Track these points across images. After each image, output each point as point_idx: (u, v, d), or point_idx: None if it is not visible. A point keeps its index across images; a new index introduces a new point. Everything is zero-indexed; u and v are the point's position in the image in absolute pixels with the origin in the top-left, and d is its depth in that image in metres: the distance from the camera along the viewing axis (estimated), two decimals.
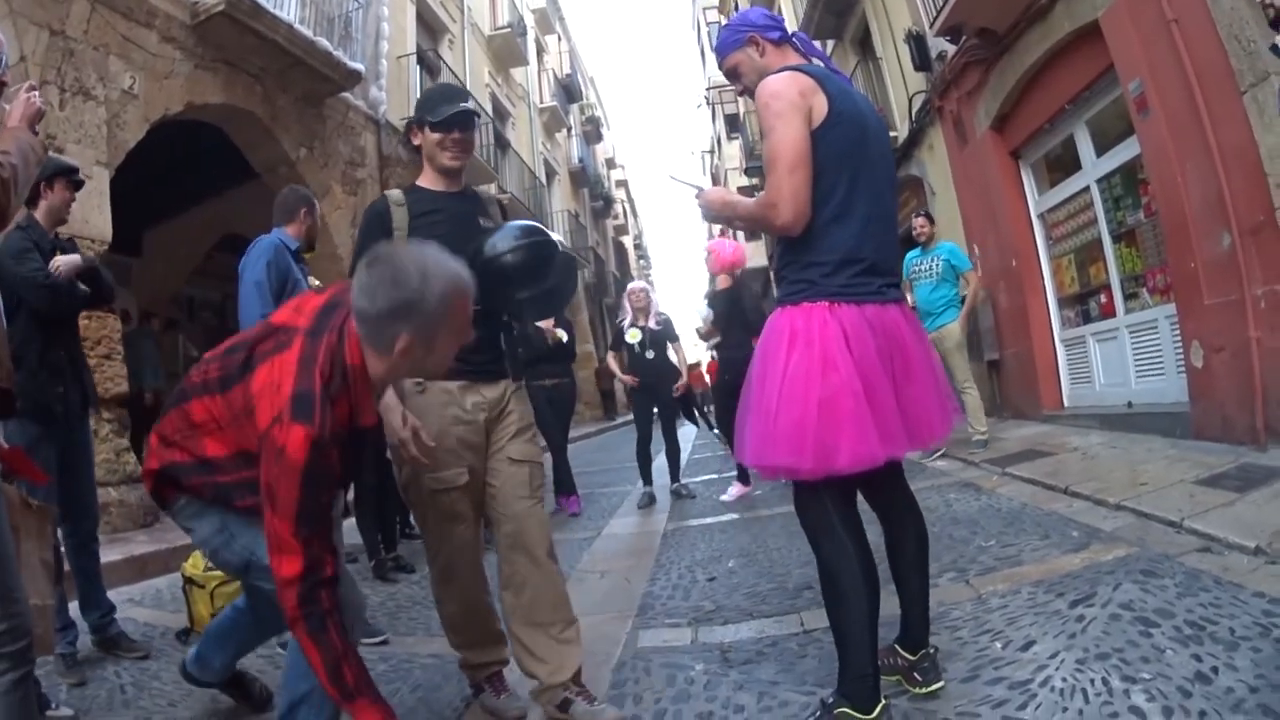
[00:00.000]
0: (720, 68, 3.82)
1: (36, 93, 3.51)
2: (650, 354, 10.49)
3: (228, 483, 2.90)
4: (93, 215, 9.83)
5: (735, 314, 9.78)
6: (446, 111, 3.87)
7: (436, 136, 3.90)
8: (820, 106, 3.21)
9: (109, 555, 5.70)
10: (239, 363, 2.87)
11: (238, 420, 2.82)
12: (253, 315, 5.13)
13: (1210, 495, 5.85)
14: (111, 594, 5.69)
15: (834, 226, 3.23)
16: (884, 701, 3.10)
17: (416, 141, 4.02)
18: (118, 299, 8.15)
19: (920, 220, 10.73)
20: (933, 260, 10.59)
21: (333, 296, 2.94)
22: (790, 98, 3.20)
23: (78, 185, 5.54)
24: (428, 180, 4.07)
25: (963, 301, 10.63)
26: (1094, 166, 11.17)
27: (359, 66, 15.94)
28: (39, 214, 5.31)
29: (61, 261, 5.10)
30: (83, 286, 5.25)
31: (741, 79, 3.69)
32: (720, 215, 3.71)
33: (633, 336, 10.49)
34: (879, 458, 3.07)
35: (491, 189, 25.33)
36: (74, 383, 5.37)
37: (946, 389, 3.62)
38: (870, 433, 3.05)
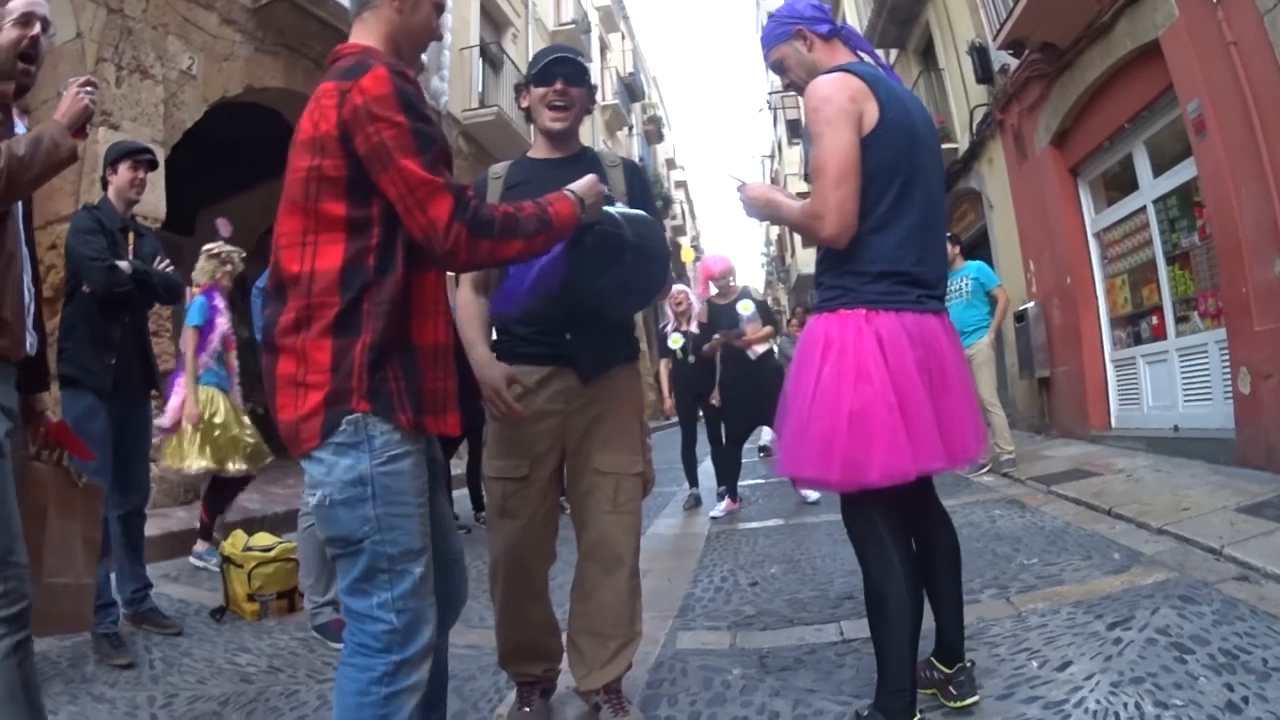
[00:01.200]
0: (765, 60, 3.74)
1: (90, 90, 3.49)
2: (693, 359, 10.37)
3: (367, 296, 2.46)
4: (146, 193, 9.71)
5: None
6: (545, 59, 3.68)
7: (540, 92, 3.68)
8: (871, 113, 3.15)
9: (146, 530, 5.77)
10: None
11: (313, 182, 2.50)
12: None
13: (1251, 524, 5.84)
14: (147, 569, 5.79)
15: (876, 236, 3.17)
16: (919, 716, 3.13)
17: (524, 104, 3.82)
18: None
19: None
20: (961, 280, 10.49)
21: None
22: (840, 103, 3.13)
23: (151, 165, 5.63)
24: (536, 148, 3.88)
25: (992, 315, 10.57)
26: (1151, 187, 11.13)
27: (421, 57, 15.63)
28: (110, 195, 5.50)
29: (122, 265, 5.20)
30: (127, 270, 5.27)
31: (788, 73, 3.61)
32: (763, 213, 3.63)
33: (675, 342, 10.39)
34: (910, 472, 3.03)
35: None
36: (137, 360, 5.49)
37: (978, 405, 3.62)
38: (903, 446, 3.01)
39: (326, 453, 2.42)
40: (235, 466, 7.36)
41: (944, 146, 16.11)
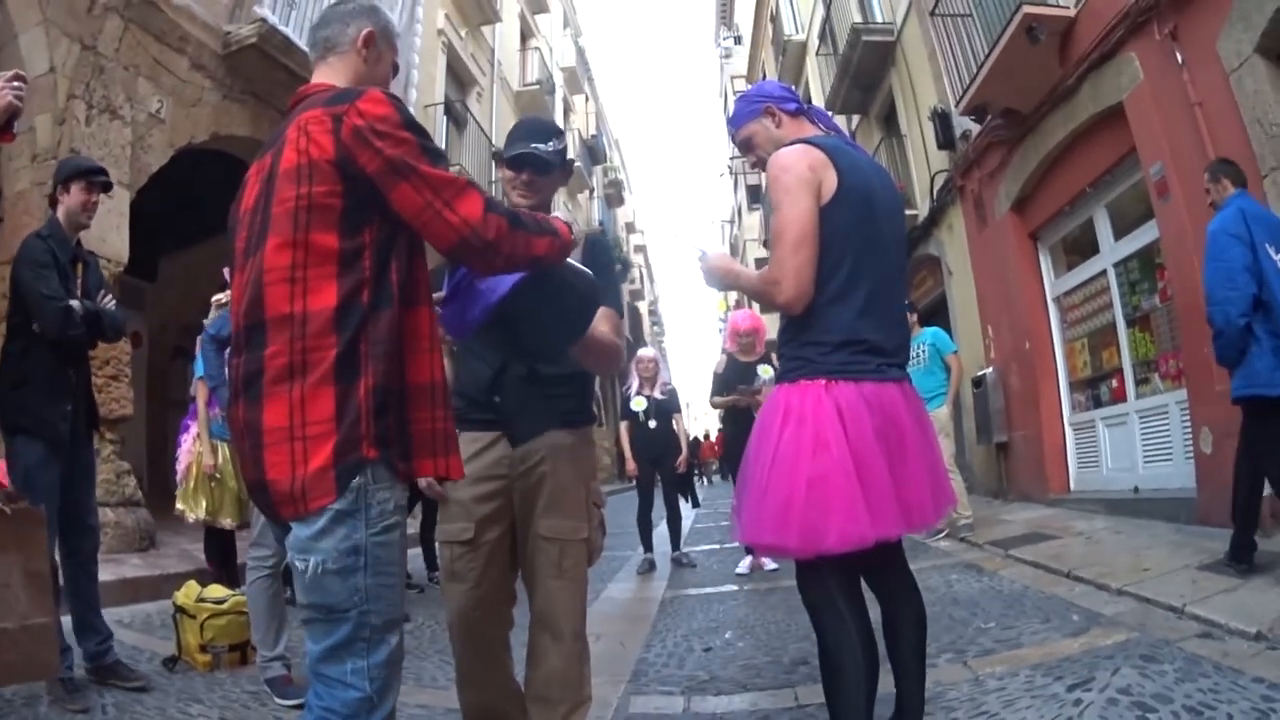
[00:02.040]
0: (734, 139, 3.78)
1: (18, 85, 3.33)
2: (653, 424, 10.53)
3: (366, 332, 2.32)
4: (110, 235, 9.82)
5: None
6: (513, 150, 3.64)
7: (508, 174, 3.66)
8: (830, 182, 3.18)
9: (101, 575, 5.58)
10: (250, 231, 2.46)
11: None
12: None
13: (1213, 581, 5.80)
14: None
15: (835, 306, 3.18)
16: None
17: (500, 174, 3.81)
18: (131, 323, 7.99)
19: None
20: (919, 347, 10.48)
21: None
22: (799, 172, 3.17)
23: (104, 187, 5.35)
24: None
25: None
26: (1112, 250, 11.22)
27: None
28: (60, 217, 5.19)
29: (75, 306, 4.93)
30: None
31: (756, 150, 3.65)
32: (723, 283, 3.67)
33: (638, 405, 10.55)
34: (868, 539, 2.98)
35: None
36: (81, 403, 5.25)
37: (943, 470, 3.54)
38: (860, 513, 2.98)
39: (323, 519, 2.26)
40: (228, 520, 7.34)
41: (904, 213, 16.29)
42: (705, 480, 41.06)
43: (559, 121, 36.98)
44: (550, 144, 3.67)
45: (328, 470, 2.23)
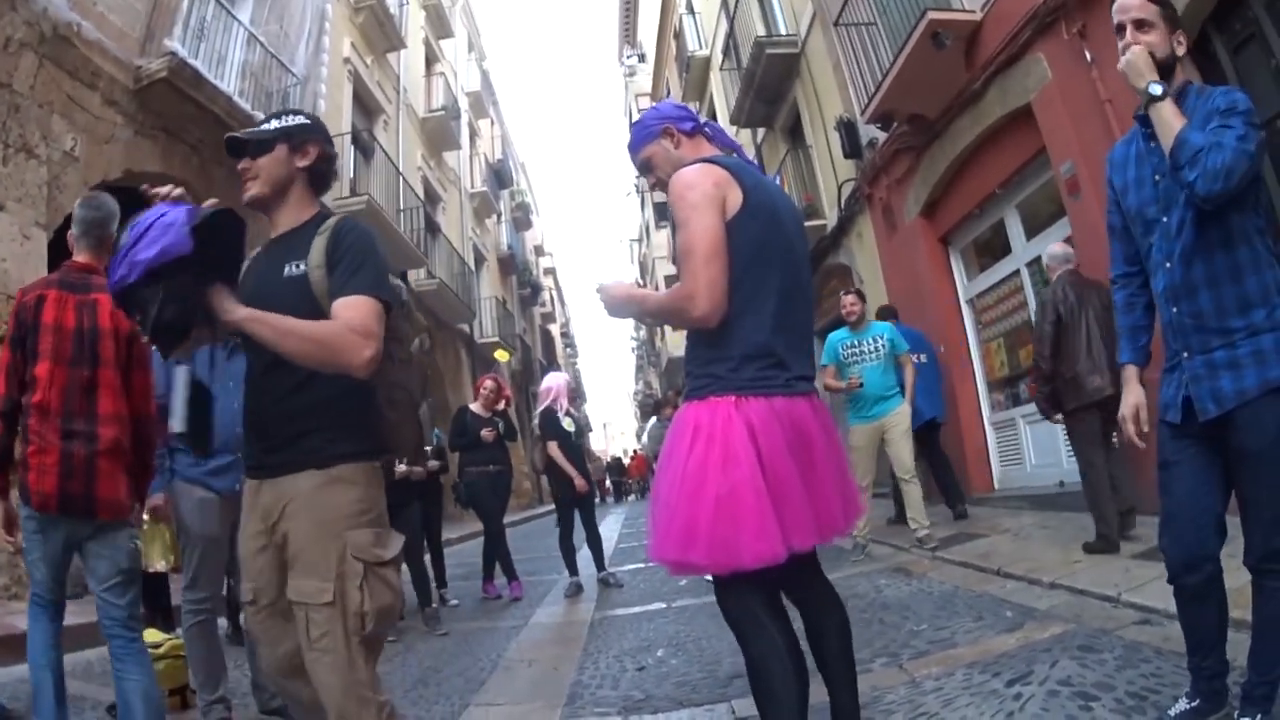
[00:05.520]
0: (634, 162, 3.79)
1: None
2: (582, 440, 10.76)
3: None
4: (30, 277, 9.22)
5: None
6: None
7: (239, 169, 3.34)
8: (735, 198, 3.18)
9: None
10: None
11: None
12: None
13: (1147, 568, 5.78)
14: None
15: (741, 321, 3.17)
16: None
17: None
18: None
19: (850, 298, 9.99)
20: (875, 341, 9.78)
21: None
22: (704, 188, 3.16)
23: None
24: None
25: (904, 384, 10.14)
26: (1024, 250, 11.33)
27: None
28: None
29: None
30: None
31: (655, 171, 3.66)
32: (626, 310, 3.61)
33: (568, 425, 10.64)
34: (781, 554, 2.94)
35: (420, 274, 25.17)
36: None
37: (850, 480, 3.52)
38: (772, 529, 2.95)
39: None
40: (161, 564, 6.85)
41: (812, 223, 16.66)
42: (635, 496, 41.33)
43: (465, 147, 36.97)
44: (276, 123, 3.39)
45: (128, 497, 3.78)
